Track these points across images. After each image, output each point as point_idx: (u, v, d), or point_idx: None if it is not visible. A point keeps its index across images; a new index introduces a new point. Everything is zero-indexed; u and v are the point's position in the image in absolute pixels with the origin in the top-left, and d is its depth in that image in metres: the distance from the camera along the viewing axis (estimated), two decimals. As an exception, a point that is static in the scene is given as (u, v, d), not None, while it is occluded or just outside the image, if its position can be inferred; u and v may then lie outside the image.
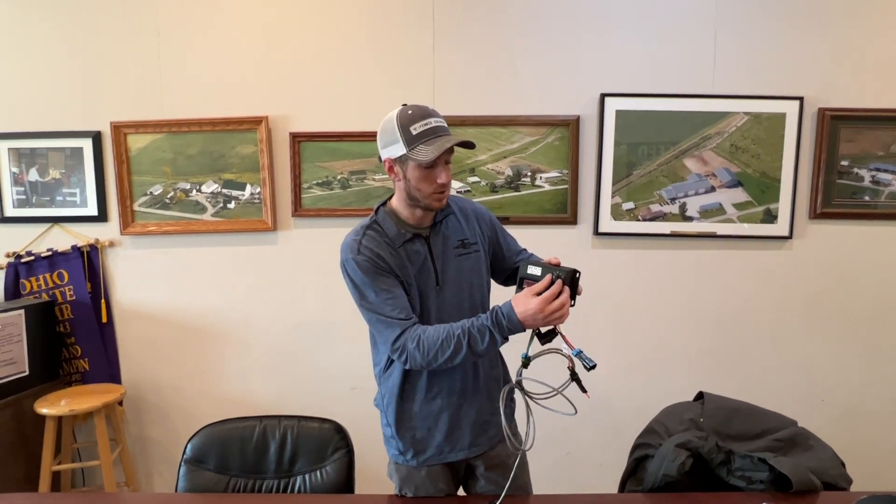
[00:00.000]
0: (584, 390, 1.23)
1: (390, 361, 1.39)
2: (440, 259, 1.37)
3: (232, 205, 2.46)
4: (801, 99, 2.31)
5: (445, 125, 1.28)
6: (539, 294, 1.19)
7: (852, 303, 2.43)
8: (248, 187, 2.45)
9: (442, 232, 1.39)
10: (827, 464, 1.50)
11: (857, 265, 2.41)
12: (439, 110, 1.33)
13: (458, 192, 2.41)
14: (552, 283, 1.21)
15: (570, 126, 2.37)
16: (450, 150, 1.27)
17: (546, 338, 1.25)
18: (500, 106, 2.38)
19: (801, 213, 2.40)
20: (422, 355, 1.25)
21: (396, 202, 1.38)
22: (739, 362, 2.48)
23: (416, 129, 1.24)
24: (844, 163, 2.36)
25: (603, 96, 2.34)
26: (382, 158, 1.33)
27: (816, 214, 2.38)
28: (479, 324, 1.24)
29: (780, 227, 2.39)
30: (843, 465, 1.55)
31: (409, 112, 1.26)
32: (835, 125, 2.33)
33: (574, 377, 1.23)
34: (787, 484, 1.38)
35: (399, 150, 1.26)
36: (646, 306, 2.47)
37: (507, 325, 1.22)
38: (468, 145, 1.30)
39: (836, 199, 2.37)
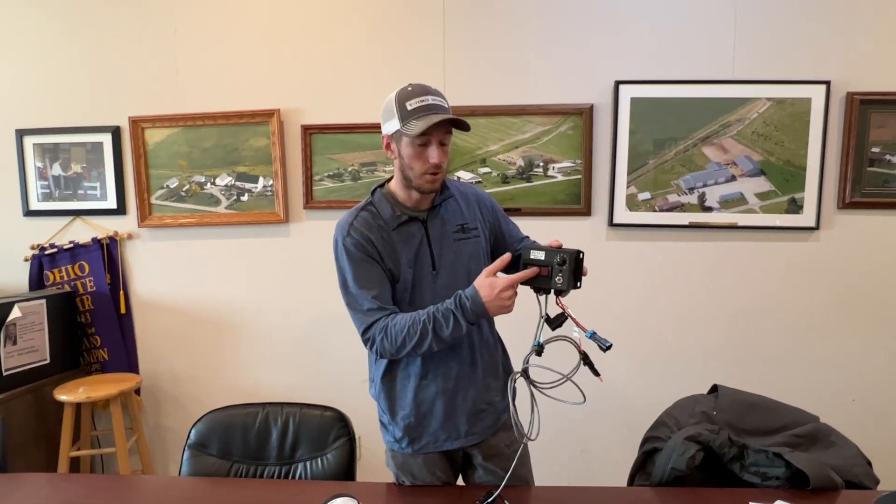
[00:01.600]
0: (596, 373, 1.19)
1: None
2: (437, 243, 1.34)
3: (245, 197, 2.49)
4: (827, 83, 2.21)
5: (444, 105, 1.26)
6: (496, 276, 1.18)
7: (884, 297, 2.31)
8: (261, 180, 2.47)
9: (441, 215, 1.36)
10: (850, 461, 1.42)
11: (889, 257, 2.29)
12: (450, 100, 1.31)
13: (469, 182, 2.38)
14: (555, 264, 1.18)
15: (584, 115, 2.31)
16: (445, 131, 1.25)
17: (556, 322, 1.21)
18: (511, 95, 2.34)
19: (828, 203, 2.29)
20: (390, 343, 1.25)
21: (394, 183, 1.36)
22: (762, 359, 2.38)
23: (411, 104, 1.23)
24: (875, 149, 2.24)
25: (617, 83, 2.28)
26: (383, 136, 1.33)
27: (845, 204, 2.27)
28: (444, 308, 1.22)
29: (806, 218, 2.28)
30: (869, 463, 1.46)
31: (409, 89, 1.26)
32: (864, 110, 2.22)
33: (586, 360, 1.19)
34: (805, 481, 1.31)
35: (394, 125, 1.26)
36: (663, 300, 2.39)
37: (471, 306, 1.20)
38: (461, 125, 1.27)
39: (866, 187, 2.26)
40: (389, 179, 1.39)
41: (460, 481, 1.50)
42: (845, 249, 2.30)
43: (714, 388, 1.63)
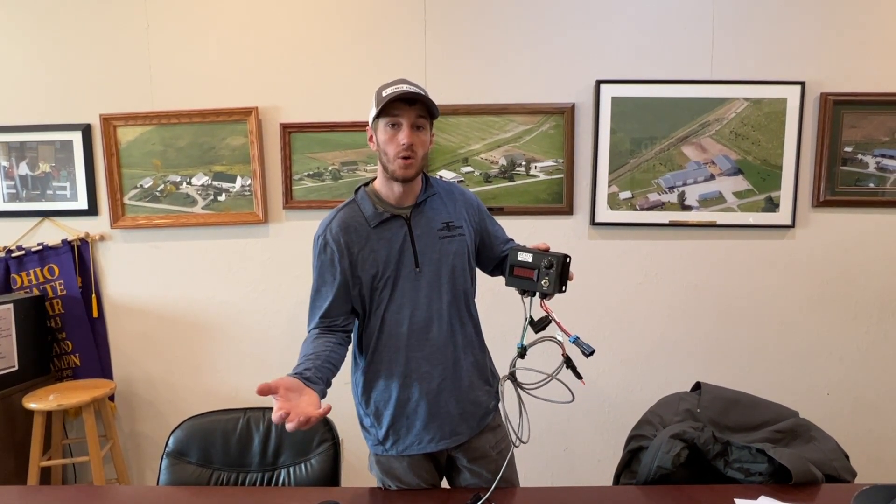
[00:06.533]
0: (579, 376, 1.19)
1: (362, 349, 1.38)
2: (421, 240, 1.33)
3: (222, 197, 2.43)
4: (802, 84, 2.25)
5: (420, 93, 1.25)
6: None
7: (858, 293, 2.37)
8: (239, 179, 2.42)
9: (425, 212, 1.35)
10: (829, 455, 1.45)
11: (863, 254, 2.35)
12: (432, 98, 1.30)
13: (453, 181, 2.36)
14: (542, 267, 1.18)
15: (565, 114, 2.32)
16: (418, 115, 1.26)
17: (540, 325, 1.20)
18: (493, 94, 2.33)
19: (803, 202, 2.33)
20: None
21: (377, 181, 1.36)
22: (741, 355, 2.42)
23: (387, 91, 1.26)
24: (848, 149, 2.29)
25: (598, 83, 2.29)
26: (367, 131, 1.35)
27: (819, 202, 2.32)
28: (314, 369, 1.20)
29: (783, 216, 2.33)
30: (846, 457, 1.49)
31: (390, 81, 1.29)
32: (837, 110, 2.27)
33: (569, 363, 1.19)
34: (787, 476, 1.33)
35: (373, 113, 1.28)
36: (644, 298, 2.41)
37: None
38: (427, 103, 1.26)
39: (839, 186, 2.31)
40: (374, 179, 1.38)
41: (444, 484, 1.48)
42: (819, 247, 2.35)
43: (697, 386, 1.64)
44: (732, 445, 1.41)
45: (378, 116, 1.27)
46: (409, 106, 1.25)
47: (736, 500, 1.27)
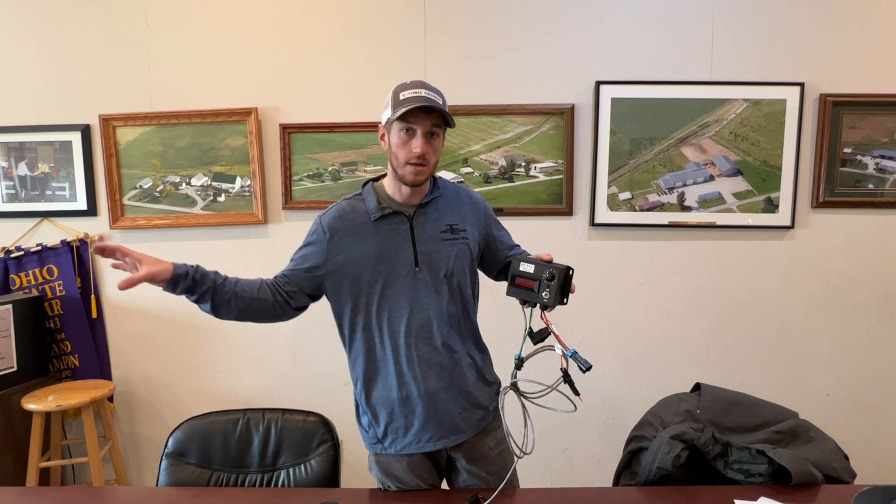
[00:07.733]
0: (576, 392, 1.17)
1: (362, 348, 1.38)
2: (422, 240, 1.33)
3: (222, 198, 2.43)
4: (801, 85, 2.25)
5: (438, 101, 1.26)
6: None
7: (857, 294, 2.37)
8: (238, 180, 2.41)
9: (429, 213, 1.36)
10: (829, 456, 1.45)
11: (862, 255, 2.35)
12: (446, 97, 1.31)
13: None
14: (543, 279, 1.17)
15: (565, 115, 2.32)
16: (433, 124, 1.26)
17: (539, 337, 1.19)
18: (493, 95, 2.33)
19: (803, 203, 2.34)
20: None
21: (386, 179, 1.38)
22: (741, 355, 2.42)
23: (404, 94, 1.25)
24: (847, 150, 2.29)
25: (598, 84, 2.29)
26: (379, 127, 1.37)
27: (819, 203, 2.32)
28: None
29: (782, 217, 2.33)
30: (846, 458, 1.49)
31: (408, 82, 1.29)
32: (837, 111, 2.27)
33: (567, 379, 1.17)
34: (787, 477, 1.33)
35: (387, 114, 1.28)
36: (644, 299, 2.41)
37: None
38: (445, 117, 1.27)
39: (839, 187, 2.31)
40: (383, 176, 1.40)
41: (444, 486, 1.48)
42: (819, 248, 2.36)
43: (697, 386, 1.64)
44: (732, 446, 1.41)
45: (392, 118, 1.27)
46: (425, 114, 1.24)
47: (736, 501, 1.27)
